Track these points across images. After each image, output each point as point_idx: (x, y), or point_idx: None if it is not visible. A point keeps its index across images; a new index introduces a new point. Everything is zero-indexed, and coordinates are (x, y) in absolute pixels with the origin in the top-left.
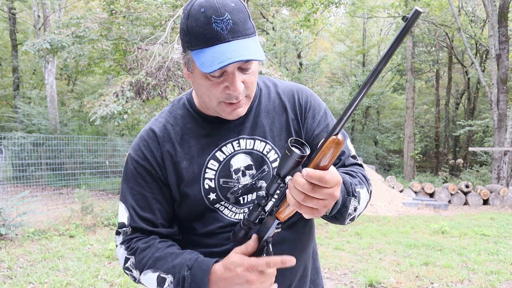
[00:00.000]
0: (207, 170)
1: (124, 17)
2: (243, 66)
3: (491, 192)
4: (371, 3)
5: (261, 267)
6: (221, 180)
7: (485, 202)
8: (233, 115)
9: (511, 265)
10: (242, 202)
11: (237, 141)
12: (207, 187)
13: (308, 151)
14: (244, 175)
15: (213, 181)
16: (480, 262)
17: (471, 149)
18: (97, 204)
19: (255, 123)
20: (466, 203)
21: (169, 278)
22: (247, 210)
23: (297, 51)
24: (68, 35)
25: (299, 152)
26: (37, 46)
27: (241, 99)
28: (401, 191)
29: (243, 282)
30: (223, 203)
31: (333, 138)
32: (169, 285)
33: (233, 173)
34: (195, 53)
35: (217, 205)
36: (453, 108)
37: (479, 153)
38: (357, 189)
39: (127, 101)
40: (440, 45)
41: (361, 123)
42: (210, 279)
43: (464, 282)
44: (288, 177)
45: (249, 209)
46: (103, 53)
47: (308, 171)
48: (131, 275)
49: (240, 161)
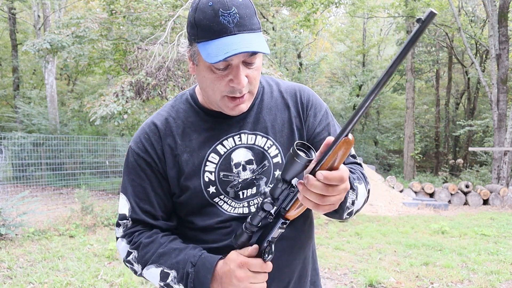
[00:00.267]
0: (208, 163)
1: (124, 17)
2: (248, 60)
3: (491, 192)
4: (371, 3)
5: (253, 267)
6: (221, 173)
7: (485, 202)
8: (236, 111)
9: (511, 265)
10: (241, 196)
11: (239, 136)
12: (207, 179)
13: (314, 155)
14: (244, 169)
15: (213, 174)
16: (480, 262)
17: (471, 149)
18: (97, 204)
19: (257, 119)
20: (466, 203)
21: (173, 273)
22: (246, 204)
23: (297, 51)
24: (68, 35)
25: (305, 156)
26: (37, 46)
27: (244, 94)
28: (401, 191)
29: (233, 277)
30: (222, 197)
31: (345, 139)
32: (173, 280)
33: (234, 167)
34: (202, 45)
35: (216, 199)
36: (453, 108)
37: (479, 153)
38: (355, 184)
39: (127, 101)
40: (440, 45)
41: (361, 123)
42: (213, 275)
43: (464, 282)
44: (294, 180)
45: (252, 213)
46: (103, 53)
47: (324, 174)
48: (132, 268)
49: (241, 155)
